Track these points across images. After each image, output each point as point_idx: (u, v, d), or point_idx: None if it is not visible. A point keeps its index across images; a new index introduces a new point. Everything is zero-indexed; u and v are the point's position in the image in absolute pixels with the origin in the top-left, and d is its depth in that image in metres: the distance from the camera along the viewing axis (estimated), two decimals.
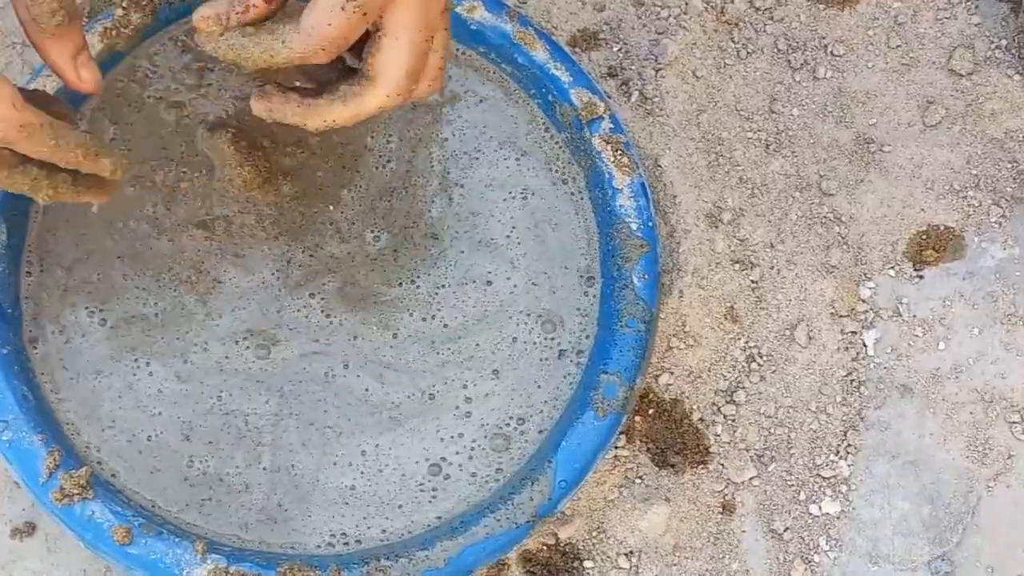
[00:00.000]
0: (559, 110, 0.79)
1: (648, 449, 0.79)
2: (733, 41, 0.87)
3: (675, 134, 0.85)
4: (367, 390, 0.75)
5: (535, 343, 0.77)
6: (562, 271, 0.78)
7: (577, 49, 0.86)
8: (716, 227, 0.83)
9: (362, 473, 0.74)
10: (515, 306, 0.77)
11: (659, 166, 0.84)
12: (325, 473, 0.74)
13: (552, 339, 0.77)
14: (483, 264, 0.78)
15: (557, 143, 0.80)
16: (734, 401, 0.80)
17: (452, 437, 0.75)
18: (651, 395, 0.80)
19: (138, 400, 0.74)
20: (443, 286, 0.78)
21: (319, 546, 0.72)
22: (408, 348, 0.76)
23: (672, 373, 0.81)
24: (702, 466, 0.79)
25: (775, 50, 0.87)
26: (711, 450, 0.79)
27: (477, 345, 0.77)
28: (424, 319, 0.77)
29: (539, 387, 0.76)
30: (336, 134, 0.79)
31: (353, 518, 0.73)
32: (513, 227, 0.79)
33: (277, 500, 0.73)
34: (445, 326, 0.77)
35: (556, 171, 0.80)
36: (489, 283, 0.78)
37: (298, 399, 0.75)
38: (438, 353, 0.76)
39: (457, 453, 0.75)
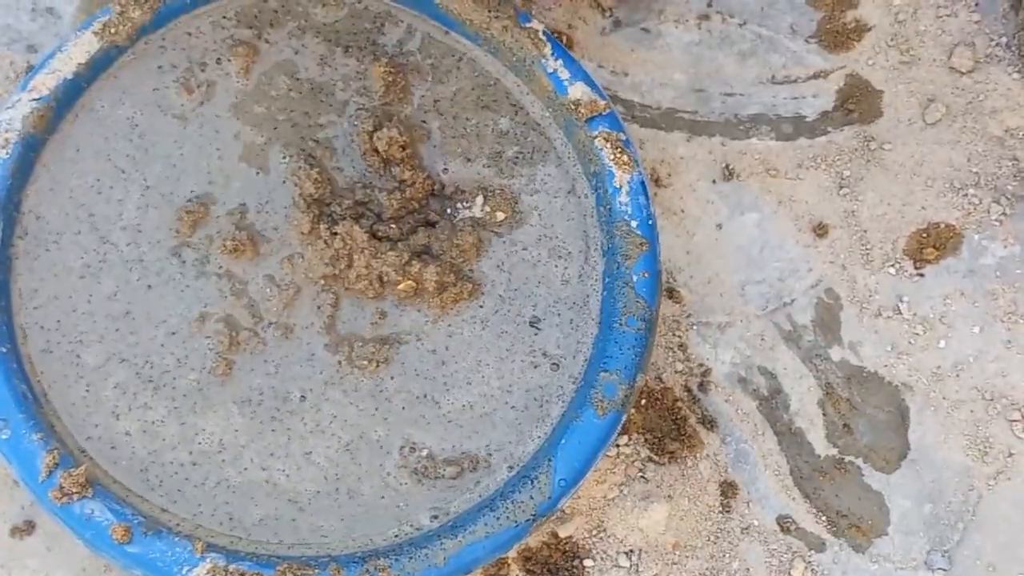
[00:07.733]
0: (558, 107, 0.79)
1: (646, 440, 0.79)
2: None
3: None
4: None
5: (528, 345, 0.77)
6: (561, 267, 0.78)
7: None
8: None
9: (357, 475, 0.74)
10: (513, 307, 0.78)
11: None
12: (326, 468, 0.74)
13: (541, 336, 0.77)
14: (482, 267, 0.78)
15: (555, 140, 0.80)
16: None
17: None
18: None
19: (146, 405, 0.74)
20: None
21: (320, 543, 0.72)
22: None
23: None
24: (699, 448, 0.79)
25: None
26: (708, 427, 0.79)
27: (475, 353, 0.77)
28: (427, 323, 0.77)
29: (536, 387, 0.76)
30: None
31: (354, 516, 0.73)
32: (511, 228, 0.79)
33: (278, 501, 0.73)
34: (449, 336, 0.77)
35: (553, 168, 0.80)
36: (488, 284, 0.78)
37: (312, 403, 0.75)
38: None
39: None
